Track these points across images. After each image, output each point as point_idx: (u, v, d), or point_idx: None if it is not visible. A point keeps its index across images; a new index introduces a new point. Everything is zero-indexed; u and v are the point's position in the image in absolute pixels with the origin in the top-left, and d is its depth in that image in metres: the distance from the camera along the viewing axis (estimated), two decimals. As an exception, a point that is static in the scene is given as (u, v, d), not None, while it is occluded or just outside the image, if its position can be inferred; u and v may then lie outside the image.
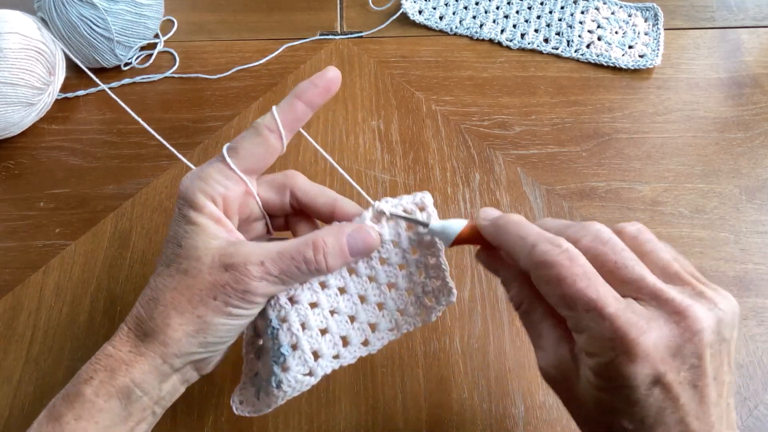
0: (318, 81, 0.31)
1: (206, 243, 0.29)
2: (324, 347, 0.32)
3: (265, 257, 0.29)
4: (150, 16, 0.57)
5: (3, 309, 0.44)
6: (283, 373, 0.31)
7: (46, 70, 0.52)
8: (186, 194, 0.30)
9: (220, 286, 0.29)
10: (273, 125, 0.31)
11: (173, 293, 0.29)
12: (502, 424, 0.39)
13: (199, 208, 0.30)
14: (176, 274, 0.29)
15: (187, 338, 0.29)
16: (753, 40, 0.61)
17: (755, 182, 0.50)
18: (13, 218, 0.49)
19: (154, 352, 0.29)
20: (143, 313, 0.30)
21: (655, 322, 0.24)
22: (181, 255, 0.30)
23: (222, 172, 0.31)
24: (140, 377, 0.29)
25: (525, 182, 0.50)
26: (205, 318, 0.29)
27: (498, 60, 0.60)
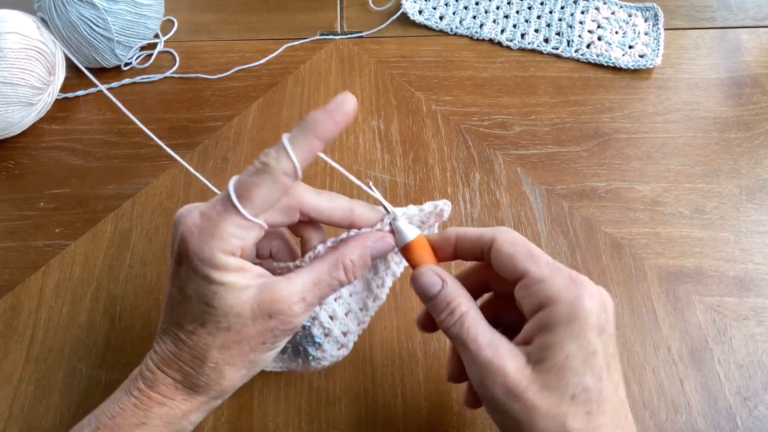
0: (337, 117, 0.29)
1: (240, 298, 0.28)
2: (351, 325, 0.35)
3: (304, 292, 0.29)
4: (150, 16, 0.57)
5: (3, 309, 0.44)
6: (320, 353, 0.34)
7: (46, 69, 0.52)
8: (203, 256, 0.27)
9: (269, 331, 0.29)
10: (290, 170, 0.28)
11: (221, 350, 0.29)
12: (502, 424, 0.39)
13: (222, 268, 0.28)
14: (217, 332, 0.29)
15: (239, 378, 0.30)
16: (753, 40, 0.61)
17: (755, 182, 0.50)
18: (13, 218, 0.49)
19: (210, 396, 0.30)
20: (190, 370, 0.29)
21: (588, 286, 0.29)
22: (217, 314, 0.28)
23: (239, 226, 0.28)
24: (195, 419, 0.31)
25: (525, 182, 0.50)
26: (256, 359, 0.30)
27: (498, 60, 0.60)
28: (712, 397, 0.39)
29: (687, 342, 0.42)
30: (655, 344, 0.42)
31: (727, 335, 0.42)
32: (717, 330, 0.42)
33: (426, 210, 0.33)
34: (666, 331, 0.42)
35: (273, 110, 0.56)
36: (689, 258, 0.46)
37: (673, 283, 0.45)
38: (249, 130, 0.54)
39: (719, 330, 0.42)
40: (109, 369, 0.41)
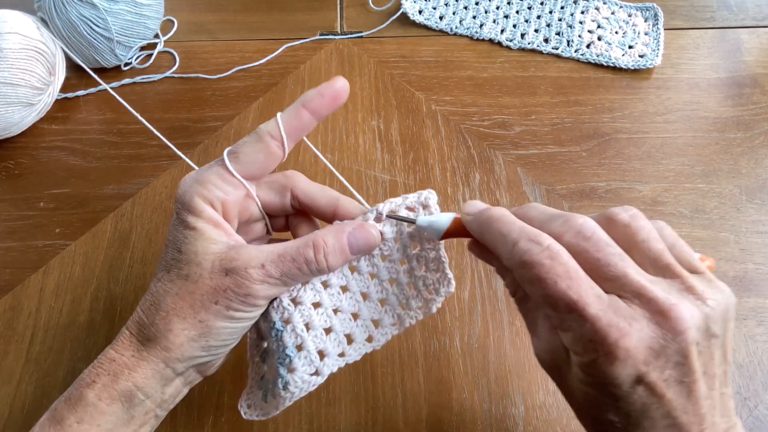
0: (325, 91, 0.31)
1: (206, 248, 0.29)
2: (329, 346, 0.32)
3: (265, 260, 0.29)
4: (150, 16, 0.57)
5: (3, 309, 0.44)
6: (289, 374, 0.31)
7: (46, 70, 0.52)
8: (184, 198, 0.30)
9: (222, 290, 0.29)
10: (276, 132, 0.31)
11: (174, 299, 0.29)
12: (502, 424, 0.39)
13: (197, 213, 0.30)
14: (177, 279, 0.29)
15: (189, 343, 0.29)
16: (753, 40, 0.61)
17: (755, 182, 0.50)
18: (13, 218, 0.49)
19: (156, 356, 0.29)
20: (144, 318, 0.30)
21: (637, 323, 0.24)
22: (181, 260, 0.29)
23: (221, 177, 0.30)
24: (143, 381, 0.29)
25: (525, 182, 0.50)
26: (207, 322, 0.29)
27: (498, 60, 0.60)
28: (712, 397, 0.39)
29: (687, 342, 0.42)
30: (655, 344, 0.42)
31: (727, 335, 0.42)
32: (717, 330, 0.42)
33: (410, 199, 0.32)
34: (666, 331, 0.42)
35: (273, 110, 0.56)
36: (689, 258, 0.46)
37: (673, 283, 0.45)
38: (249, 130, 0.54)
39: (719, 330, 0.42)
40: (109, 369, 0.41)
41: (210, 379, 0.40)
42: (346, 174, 0.51)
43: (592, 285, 0.25)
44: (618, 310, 0.24)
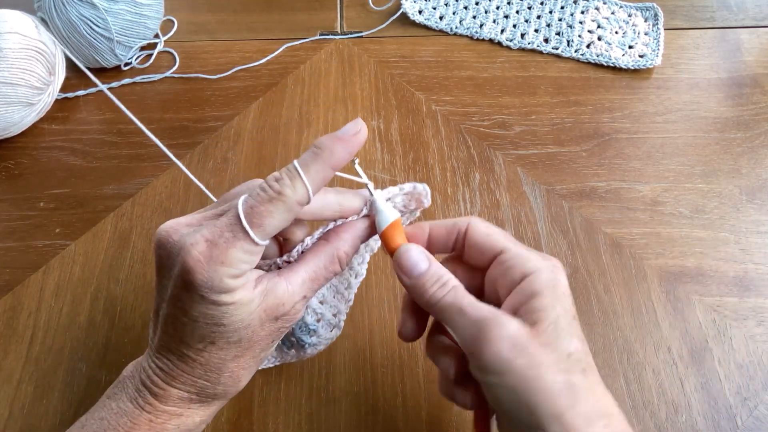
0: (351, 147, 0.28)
1: (248, 311, 0.28)
2: (340, 305, 0.36)
3: (305, 291, 0.30)
4: (150, 16, 0.57)
5: (3, 309, 0.44)
6: (315, 338, 0.35)
7: (46, 69, 0.52)
8: (212, 285, 0.26)
9: (276, 331, 0.30)
10: (305, 200, 0.27)
11: (236, 361, 0.30)
12: (502, 424, 0.39)
13: (232, 291, 0.27)
14: (229, 346, 0.29)
15: (251, 374, 0.31)
16: (753, 40, 0.61)
17: (755, 182, 0.50)
18: (13, 218, 0.49)
19: (223, 401, 0.32)
20: (205, 383, 0.30)
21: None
22: (227, 331, 0.28)
23: (248, 251, 0.27)
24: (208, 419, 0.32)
25: (525, 182, 0.50)
26: (265, 354, 0.31)
27: (498, 60, 0.60)
28: (712, 397, 0.39)
29: (687, 342, 0.42)
30: (655, 344, 0.42)
31: (727, 335, 0.42)
32: (717, 330, 0.42)
33: (406, 189, 0.33)
34: (666, 331, 0.42)
35: (273, 110, 0.56)
36: (689, 258, 0.46)
37: (673, 283, 0.45)
38: (249, 130, 0.54)
39: (719, 330, 0.42)
40: (109, 369, 0.41)
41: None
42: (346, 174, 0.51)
43: None
44: None
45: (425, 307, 0.30)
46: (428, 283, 0.30)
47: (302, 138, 0.53)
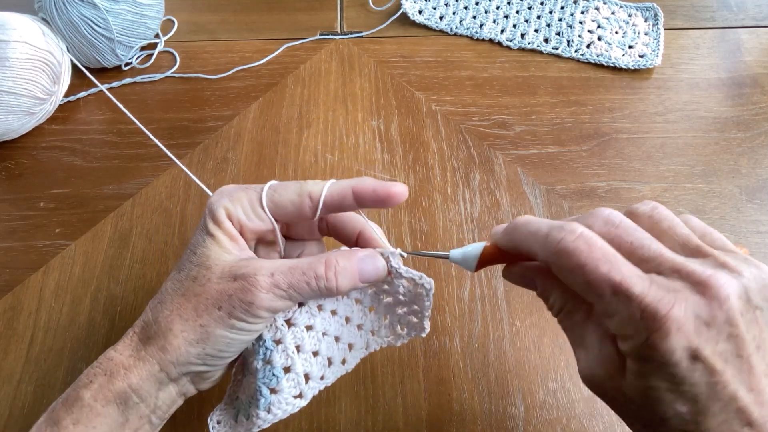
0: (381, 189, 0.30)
1: (219, 254, 0.30)
2: (315, 369, 0.32)
3: (276, 270, 0.29)
4: (150, 15, 0.57)
5: (3, 309, 0.44)
6: (273, 395, 0.30)
7: (51, 80, 0.51)
8: (211, 207, 0.31)
9: (227, 295, 0.29)
10: (316, 196, 0.30)
11: (180, 299, 0.29)
12: (502, 424, 0.39)
13: (218, 223, 0.30)
14: (186, 280, 0.30)
15: (186, 347, 0.29)
16: (753, 40, 0.61)
17: (755, 182, 0.50)
18: (13, 218, 0.49)
19: (152, 357, 0.29)
20: (150, 315, 0.30)
21: (682, 294, 0.23)
22: (193, 262, 0.30)
23: (251, 204, 0.31)
24: (137, 383, 0.29)
25: (525, 182, 0.50)
26: (207, 328, 0.29)
27: (498, 60, 0.60)
28: (712, 397, 0.39)
29: (687, 342, 0.42)
30: (655, 344, 0.42)
31: (727, 335, 0.42)
32: (717, 330, 0.42)
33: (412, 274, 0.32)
34: (666, 331, 0.42)
35: (273, 110, 0.56)
36: (689, 258, 0.46)
37: (673, 283, 0.45)
38: (249, 130, 0.54)
39: (719, 330, 0.42)
40: (109, 369, 0.41)
41: (210, 379, 0.40)
42: (346, 174, 0.51)
43: (631, 266, 0.25)
44: (661, 285, 0.24)
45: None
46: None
47: (302, 138, 0.53)
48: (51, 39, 0.52)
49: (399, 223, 0.48)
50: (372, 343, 0.35)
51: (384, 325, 0.35)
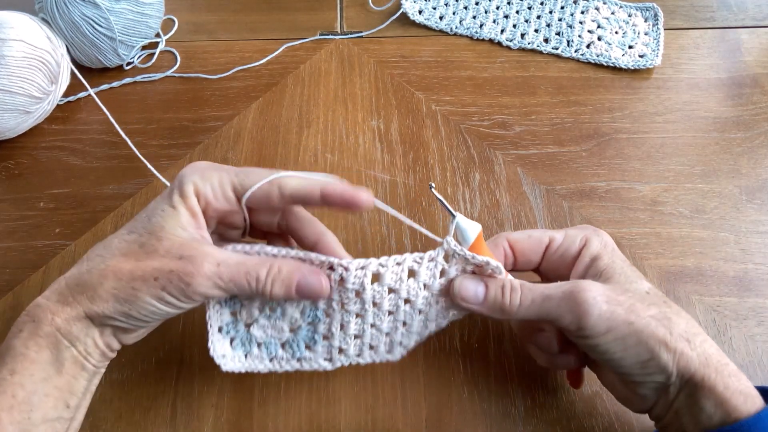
0: (346, 193, 0.31)
1: (173, 228, 0.30)
2: (351, 348, 0.36)
3: (223, 261, 0.30)
4: (151, 15, 0.57)
5: (3, 309, 0.44)
6: (307, 351, 0.35)
7: (48, 79, 0.51)
8: (181, 180, 0.31)
9: (167, 271, 0.29)
10: (284, 188, 0.31)
11: (121, 258, 0.30)
12: (502, 424, 0.39)
13: (184, 196, 0.31)
14: (133, 243, 0.30)
15: (113, 302, 0.29)
16: (753, 40, 0.61)
17: (755, 182, 0.50)
18: (13, 218, 0.49)
19: (79, 303, 0.30)
20: (86, 265, 0.30)
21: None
22: (147, 228, 0.31)
23: (221, 183, 0.32)
24: (65, 327, 0.29)
25: (525, 182, 0.50)
26: (138, 293, 0.29)
27: (498, 60, 0.60)
28: (712, 397, 0.39)
29: (687, 342, 0.42)
30: (655, 344, 0.42)
31: (727, 335, 0.42)
32: (717, 330, 0.42)
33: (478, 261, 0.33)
34: (666, 331, 0.42)
35: (273, 110, 0.56)
36: (689, 258, 0.46)
37: (673, 283, 0.45)
38: (249, 130, 0.54)
39: (719, 330, 0.42)
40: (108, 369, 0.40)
41: (210, 379, 0.40)
42: (346, 174, 0.51)
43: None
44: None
45: (513, 317, 0.32)
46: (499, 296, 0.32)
47: (302, 138, 0.53)
48: (49, 38, 0.52)
49: (399, 222, 0.48)
50: (412, 343, 0.37)
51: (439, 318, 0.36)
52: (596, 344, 0.31)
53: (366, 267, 0.32)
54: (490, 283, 0.33)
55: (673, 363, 0.30)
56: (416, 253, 0.34)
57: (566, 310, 0.31)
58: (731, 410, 0.29)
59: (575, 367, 0.37)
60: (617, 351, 0.30)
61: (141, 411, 0.39)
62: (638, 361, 0.30)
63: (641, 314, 0.30)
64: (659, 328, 0.30)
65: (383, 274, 0.33)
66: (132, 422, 0.39)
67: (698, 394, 0.29)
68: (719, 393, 0.29)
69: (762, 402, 0.30)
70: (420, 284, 0.34)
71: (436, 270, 0.34)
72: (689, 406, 0.30)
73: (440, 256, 0.33)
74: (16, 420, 0.28)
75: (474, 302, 0.33)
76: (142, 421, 0.39)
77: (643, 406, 0.33)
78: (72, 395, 0.30)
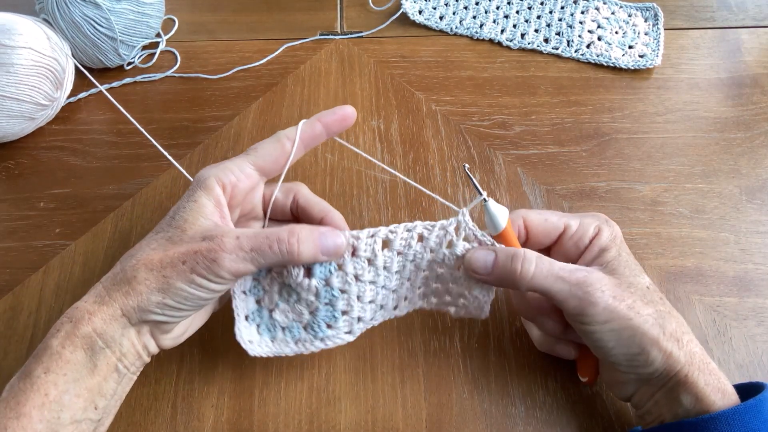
0: (337, 110, 0.36)
1: (196, 219, 0.32)
2: (368, 314, 0.37)
3: (241, 233, 0.31)
4: (152, 14, 0.57)
5: (3, 309, 0.44)
6: (328, 329, 0.36)
7: (54, 86, 0.51)
8: (200, 177, 0.34)
9: (192, 252, 0.30)
10: (292, 134, 0.36)
11: (150, 252, 0.31)
12: (502, 424, 0.39)
13: (207, 190, 0.33)
14: (160, 239, 0.32)
15: (147, 293, 0.30)
16: (753, 40, 0.61)
17: (755, 182, 0.50)
18: (13, 218, 0.49)
19: (115, 301, 0.30)
20: (118, 267, 0.32)
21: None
22: (171, 225, 0.33)
23: (238, 165, 0.35)
24: (101, 327, 0.30)
25: (525, 182, 0.50)
26: (170, 279, 0.30)
27: (498, 60, 0.60)
28: (712, 397, 0.39)
29: (687, 342, 0.42)
30: (655, 344, 0.42)
31: (727, 335, 0.42)
32: (717, 330, 0.42)
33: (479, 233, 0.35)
34: (666, 331, 0.42)
35: (273, 110, 0.56)
36: (689, 258, 0.46)
37: (673, 283, 0.45)
38: (249, 130, 0.54)
39: (719, 330, 0.42)
40: (109, 369, 0.41)
41: (210, 379, 0.40)
42: (346, 174, 0.51)
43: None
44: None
45: (524, 287, 0.33)
46: (509, 264, 0.33)
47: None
48: (56, 44, 0.51)
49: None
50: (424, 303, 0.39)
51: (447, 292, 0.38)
52: (593, 331, 0.32)
53: (376, 234, 0.34)
54: (500, 251, 0.34)
55: (662, 361, 0.32)
56: (427, 221, 0.35)
57: (574, 296, 0.32)
58: (709, 405, 0.31)
59: (572, 357, 0.38)
60: (611, 341, 0.32)
61: (141, 411, 0.39)
62: (629, 353, 0.32)
63: (641, 312, 0.32)
64: (654, 327, 0.32)
65: (393, 240, 0.34)
66: (132, 422, 0.39)
67: (680, 389, 0.31)
68: (700, 389, 0.31)
69: (737, 399, 0.32)
70: (427, 249, 0.35)
71: (444, 239, 0.35)
72: (670, 398, 0.32)
73: (451, 227, 0.35)
74: (46, 418, 0.28)
75: (483, 272, 0.34)
76: (143, 421, 0.39)
77: (624, 393, 0.35)
78: (101, 397, 0.31)
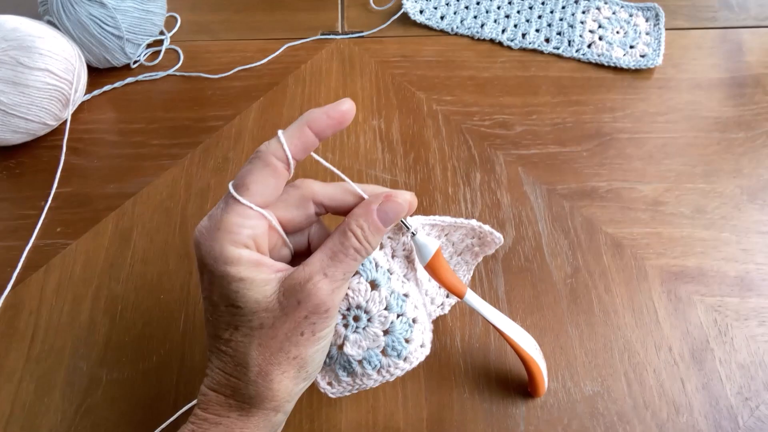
0: (332, 113, 0.29)
1: (264, 293, 0.28)
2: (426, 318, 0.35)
3: (324, 268, 0.28)
4: (156, 12, 0.58)
5: (4, 308, 0.44)
6: (408, 344, 0.33)
7: (63, 105, 0.51)
8: (213, 252, 0.27)
9: (303, 319, 0.28)
10: (280, 153, 0.28)
11: (261, 352, 0.28)
12: (503, 424, 0.39)
13: (236, 262, 0.27)
14: (251, 332, 0.28)
15: (291, 382, 0.29)
16: (755, 40, 0.61)
17: (757, 182, 0.50)
18: (14, 217, 0.49)
19: (265, 409, 0.29)
20: (237, 380, 0.29)
21: None
22: (245, 314, 0.28)
23: (241, 215, 0.28)
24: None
25: (526, 182, 0.50)
26: (300, 355, 0.28)
27: (499, 60, 0.60)
28: (713, 397, 0.39)
29: (688, 342, 0.42)
30: (656, 344, 0.42)
31: (728, 335, 0.42)
32: (718, 330, 0.42)
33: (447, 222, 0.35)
34: (667, 331, 0.42)
35: (274, 110, 0.56)
36: (690, 258, 0.46)
37: (674, 283, 0.45)
38: (250, 130, 0.54)
39: (720, 330, 0.42)
40: (110, 368, 0.41)
41: (210, 378, 0.40)
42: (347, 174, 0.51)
43: None
44: None
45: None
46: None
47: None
48: (72, 57, 0.51)
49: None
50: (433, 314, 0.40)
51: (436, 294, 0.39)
52: None
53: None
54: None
55: None
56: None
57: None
58: None
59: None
60: None
61: (142, 410, 0.39)
62: None
63: None
64: None
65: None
66: (133, 422, 0.39)
67: None
68: None
69: None
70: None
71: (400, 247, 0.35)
72: None
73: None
74: None
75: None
76: (143, 421, 0.39)
77: None
78: None
